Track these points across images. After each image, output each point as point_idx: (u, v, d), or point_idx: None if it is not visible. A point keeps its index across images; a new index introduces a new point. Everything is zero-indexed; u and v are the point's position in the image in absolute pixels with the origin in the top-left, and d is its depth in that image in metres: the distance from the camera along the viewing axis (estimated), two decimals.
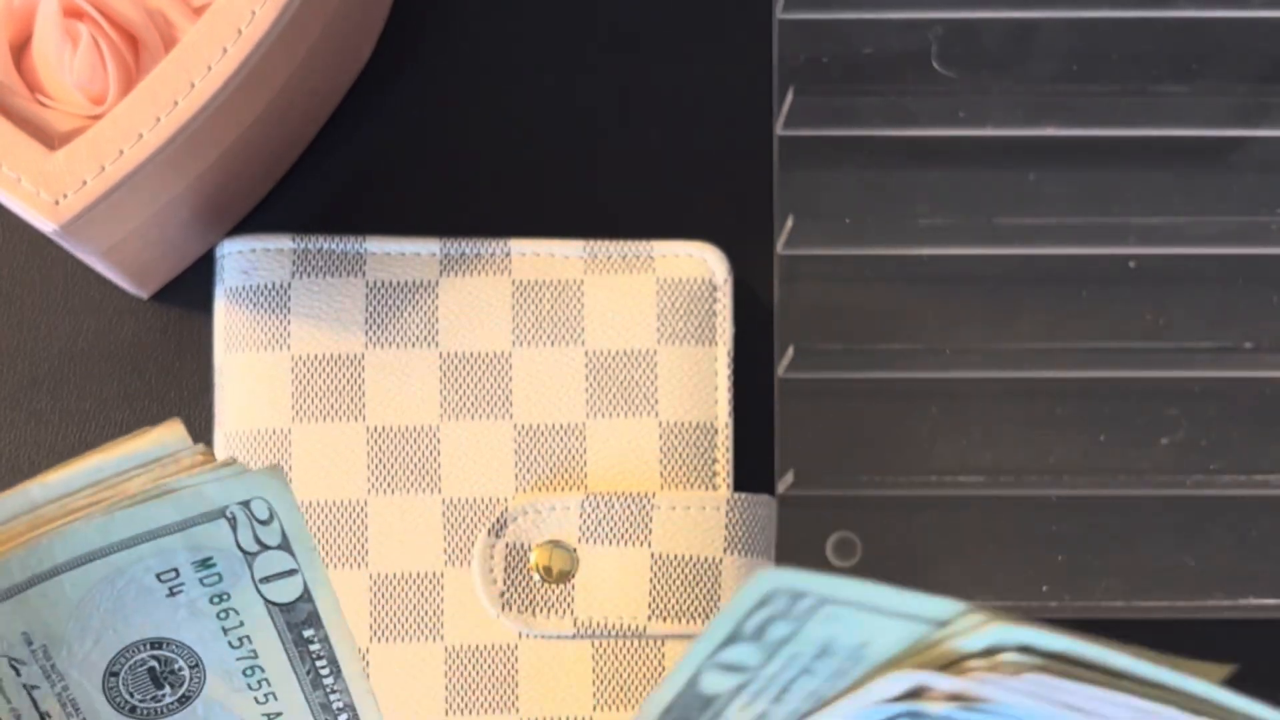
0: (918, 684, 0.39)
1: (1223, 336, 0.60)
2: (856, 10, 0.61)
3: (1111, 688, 0.39)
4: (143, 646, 0.44)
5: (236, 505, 0.42)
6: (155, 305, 0.60)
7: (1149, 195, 0.60)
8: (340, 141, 0.61)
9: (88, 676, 0.44)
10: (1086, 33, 0.61)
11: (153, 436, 0.44)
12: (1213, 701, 0.40)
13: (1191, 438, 0.60)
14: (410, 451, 0.57)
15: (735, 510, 0.56)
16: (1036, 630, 0.39)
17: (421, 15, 0.61)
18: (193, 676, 0.45)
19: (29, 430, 0.60)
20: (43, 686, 0.44)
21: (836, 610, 0.39)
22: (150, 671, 0.45)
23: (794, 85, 0.60)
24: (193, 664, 0.45)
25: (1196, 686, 0.40)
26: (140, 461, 0.44)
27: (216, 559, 0.43)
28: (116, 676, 0.45)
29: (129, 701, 0.45)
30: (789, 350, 0.59)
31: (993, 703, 0.39)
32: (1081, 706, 0.39)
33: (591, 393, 0.57)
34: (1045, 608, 0.58)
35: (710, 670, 0.41)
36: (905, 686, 0.39)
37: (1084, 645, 0.39)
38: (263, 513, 0.43)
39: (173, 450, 0.44)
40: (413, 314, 0.57)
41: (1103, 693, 0.39)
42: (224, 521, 0.43)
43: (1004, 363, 0.59)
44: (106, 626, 0.44)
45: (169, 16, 0.53)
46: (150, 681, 0.45)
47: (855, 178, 0.60)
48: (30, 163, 0.52)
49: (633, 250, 0.58)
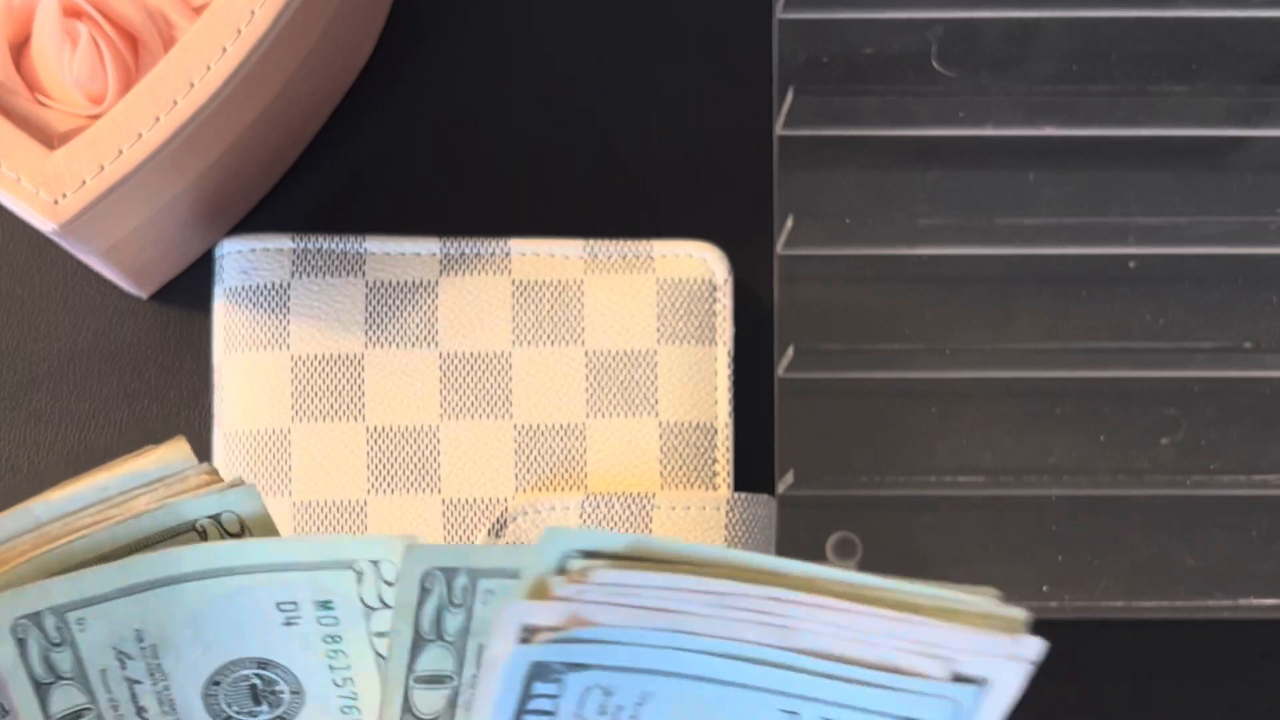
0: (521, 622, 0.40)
1: (1222, 336, 0.60)
2: (856, 10, 0.61)
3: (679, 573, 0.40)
4: (249, 664, 0.45)
5: (367, 562, 0.43)
6: (155, 305, 0.60)
7: (1149, 195, 0.60)
8: (340, 141, 0.61)
9: (190, 680, 0.45)
10: (1086, 33, 0.61)
11: (157, 455, 0.44)
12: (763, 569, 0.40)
13: (1191, 438, 0.59)
14: (410, 451, 0.57)
15: (735, 510, 0.56)
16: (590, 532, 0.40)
17: (421, 15, 0.61)
18: (292, 700, 0.46)
19: (29, 430, 0.60)
20: (145, 683, 0.45)
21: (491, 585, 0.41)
22: (251, 688, 0.45)
23: (794, 85, 0.60)
24: (294, 690, 0.45)
25: (750, 558, 0.40)
26: (145, 480, 0.44)
27: (336, 604, 0.44)
28: (219, 686, 0.45)
29: (225, 711, 0.46)
30: (789, 350, 0.59)
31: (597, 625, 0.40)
32: (663, 606, 0.40)
33: (591, 393, 0.57)
34: (1045, 607, 0.58)
35: (417, 690, 0.43)
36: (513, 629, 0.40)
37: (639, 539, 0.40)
38: (390, 575, 0.43)
39: (178, 469, 0.44)
40: (413, 314, 0.57)
41: (673, 579, 0.40)
42: (351, 573, 0.43)
43: (1004, 363, 0.59)
44: (219, 639, 0.45)
45: (169, 16, 0.53)
46: (250, 697, 0.45)
47: (855, 178, 0.60)
48: (30, 162, 0.52)
49: (633, 250, 0.58)
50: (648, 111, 0.61)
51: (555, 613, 0.40)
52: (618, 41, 0.61)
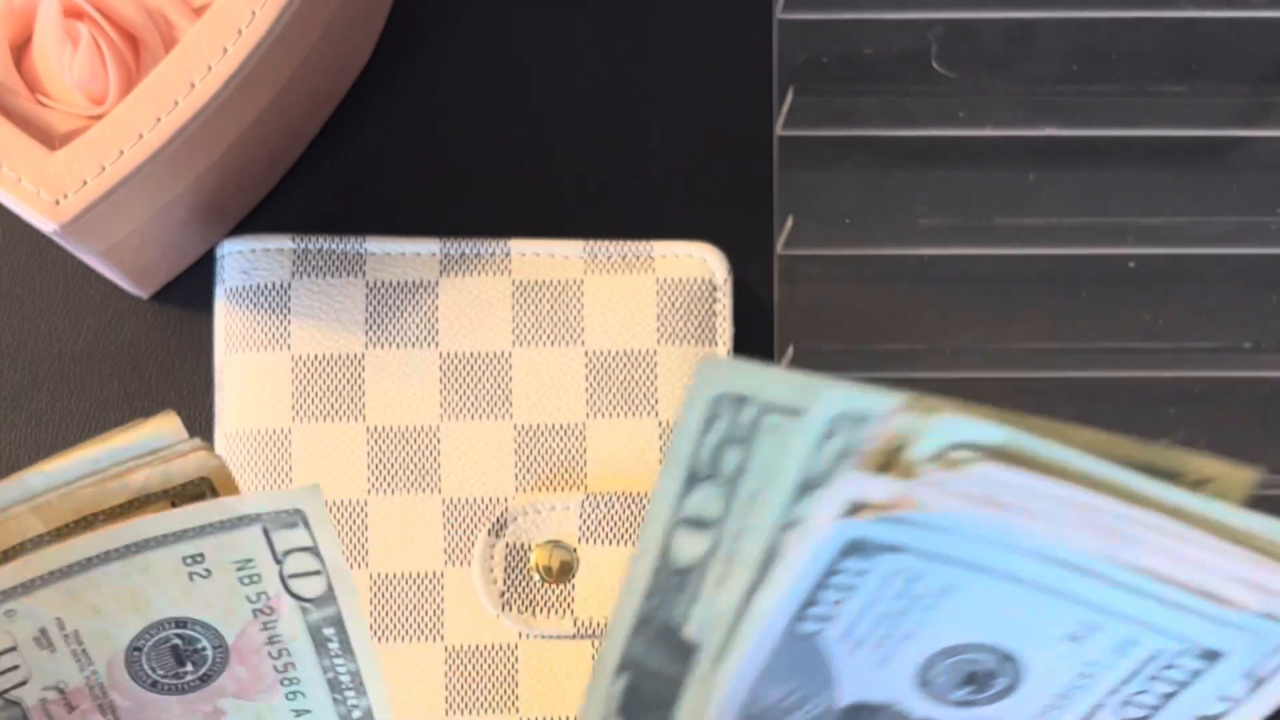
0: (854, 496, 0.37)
1: (1222, 336, 0.60)
2: (856, 10, 0.61)
3: (1060, 479, 0.37)
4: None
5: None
6: (155, 305, 0.60)
7: (1149, 195, 0.60)
8: (340, 141, 0.61)
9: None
10: (1086, 33, 0.61)
11: (149, 428, 0.44)
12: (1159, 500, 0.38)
13: (1191, 438, 0.60)
14: (410, 451, 0.57)
15: None
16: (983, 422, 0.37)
17: (421, 15, 0.61)
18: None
19: (29, 430, 0.60)
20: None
21: (776, 422, 0.37)
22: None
23: (794, 85, 0.60)
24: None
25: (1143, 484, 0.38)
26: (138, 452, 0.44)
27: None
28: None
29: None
30: (789, 350, 0.59)
31: (929, 510, 0.37)
32: (1024, 506, 0.37)
33: (591, 393, 0.57)
34: None
35: (679, 531, 0.39)
36: (840, 500, 0.37)
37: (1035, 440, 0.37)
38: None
39: (170, 442, 0.44)
40: (413, 314, 0.57)
41: (1050, 485, 0.37)
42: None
43: (1004, 363, 0.59)
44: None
45: (169, 16, 0.53)
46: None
47: (855, 178, 0.60)
48: (30, 163, 0.52)
49: (633, 250, 0.58)
50: (648, 111, 0.61)
51: (890, 489, 0.36)
52: (618, 42, 0.61)
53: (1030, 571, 0.39)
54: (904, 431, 0.36)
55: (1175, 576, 0.38)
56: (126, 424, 0.44)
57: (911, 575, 0.39)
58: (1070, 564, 0.38)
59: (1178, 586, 0.38)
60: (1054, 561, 0.38)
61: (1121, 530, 0.38)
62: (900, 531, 0.38)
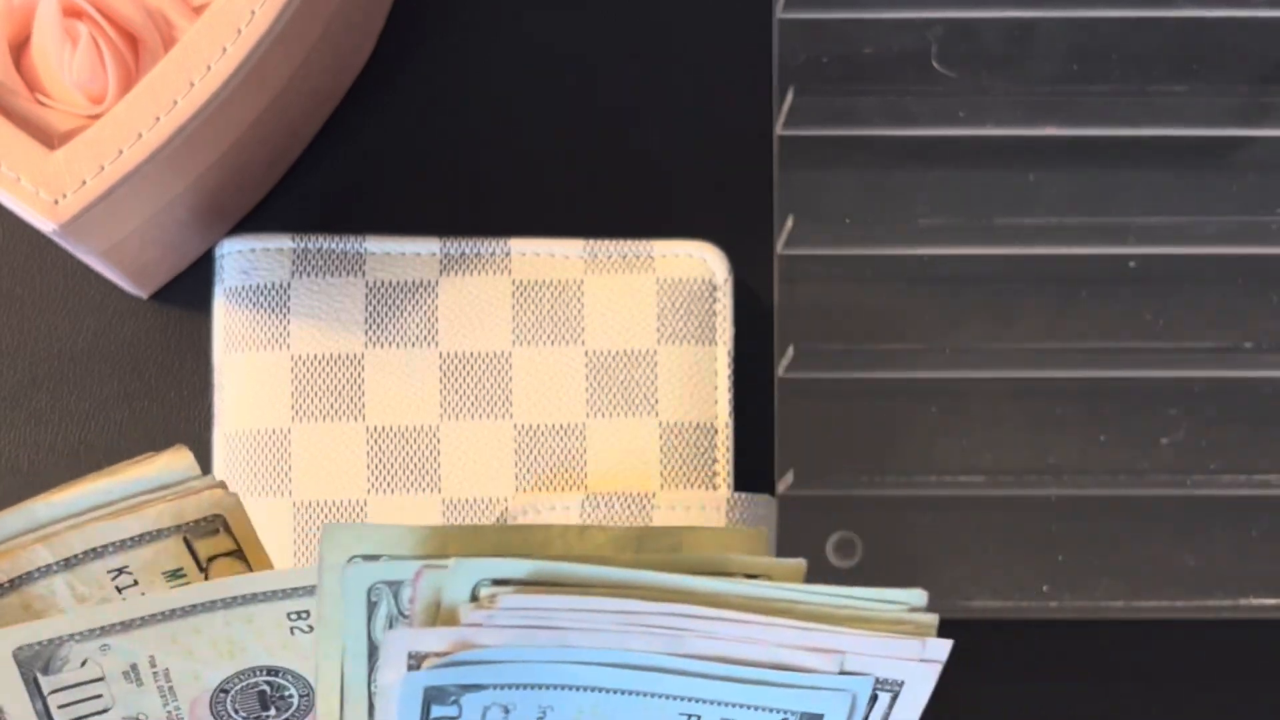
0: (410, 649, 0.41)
1: (1223, 336, 0.60)
2: (856, 10, 0.61)
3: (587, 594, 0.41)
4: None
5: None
6: (155, 305, 0.60)
7: (1149, 195, 0.60)
8: (340, 141, 0.61)
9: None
10: (1086, 33, 0.61)
11: (161, 463, 0.44)
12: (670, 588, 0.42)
13: (1191, 438, 0.59)
14: (410, 451, 0.57)
15: (735, 510, 0.56)
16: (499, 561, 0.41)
17: (421, 15, 0.61)
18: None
19: (29, 430, 0.60)
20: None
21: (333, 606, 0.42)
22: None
23: (794, 85, 0.60)
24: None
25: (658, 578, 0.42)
26: (149, 487, 0.44)
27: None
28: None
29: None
30: (789, 350, 0.59)
31: (490, 647, 0.41)
32: (574, 625, 0.41)
33: (591, 393, 0.57)
34: (1045, 607, 0.58)
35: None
36: (401, 656, 0.41)
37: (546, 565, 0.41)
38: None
39: (182, 478, 0.44)
40: (413, 314, 0.57)
41: (581, 601, 0.41)
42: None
43: (1004, 363, 0.59)
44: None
45: (169, 16, 0.53)
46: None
47: (855, 178, 0.60)
48: (30, 162, 0.52)
49: (633, 250, 0.58)
50: (648, 111, 0.61)
51: (441, 639, 0.41)
52: (618, 42, 0.61)
53: (611, 680, 0.42)
54: (433, 586, 0.41)
55: (749, 657, 0.42)
56: (138, 457, 0.45)
57: (504, 706, 0.43)
58: (645, 666, 0.42)
59: (755, 666, 0.42)
60: (629, 667, 0.42)
61: (678, 627, 0.41)
62: (469, 673, 0.41)
